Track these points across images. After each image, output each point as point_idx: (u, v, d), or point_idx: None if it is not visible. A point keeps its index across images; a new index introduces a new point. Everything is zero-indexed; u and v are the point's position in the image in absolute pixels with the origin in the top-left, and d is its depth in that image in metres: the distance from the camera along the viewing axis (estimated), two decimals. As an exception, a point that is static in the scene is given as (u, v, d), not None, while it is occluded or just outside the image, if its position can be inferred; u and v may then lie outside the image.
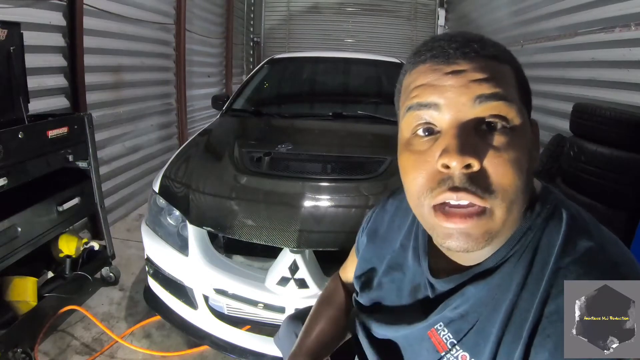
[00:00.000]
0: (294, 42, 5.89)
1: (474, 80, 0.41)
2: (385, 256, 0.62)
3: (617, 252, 0.42)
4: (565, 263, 0.41)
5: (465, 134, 0.41)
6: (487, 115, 0.41)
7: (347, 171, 1.54)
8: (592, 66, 2.40)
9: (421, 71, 0.45)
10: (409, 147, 0.45)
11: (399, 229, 0.62)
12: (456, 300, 0.47)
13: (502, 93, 0.41)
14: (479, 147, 0.40)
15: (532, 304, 0.41)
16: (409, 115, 0.45)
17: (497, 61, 0.44)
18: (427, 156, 0.43)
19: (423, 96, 0.43)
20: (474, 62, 0.42)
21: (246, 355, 1.34)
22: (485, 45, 0.44)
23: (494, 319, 0.44)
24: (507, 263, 0.45)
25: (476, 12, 4.62)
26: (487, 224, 0.41)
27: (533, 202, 0.47)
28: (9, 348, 1.34)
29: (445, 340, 0.48)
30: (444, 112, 0.42)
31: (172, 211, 1.46)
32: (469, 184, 0.40)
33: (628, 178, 1.60)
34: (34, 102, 1.80)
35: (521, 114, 0.43)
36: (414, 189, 0.44)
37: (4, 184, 1.30)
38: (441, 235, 0.43)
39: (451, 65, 0.43)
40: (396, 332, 0.55)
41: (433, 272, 0.52)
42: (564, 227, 0.44)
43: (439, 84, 0.43)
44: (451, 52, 0.43)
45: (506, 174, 0.40)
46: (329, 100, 2.54)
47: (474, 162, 0.39)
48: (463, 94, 0.41)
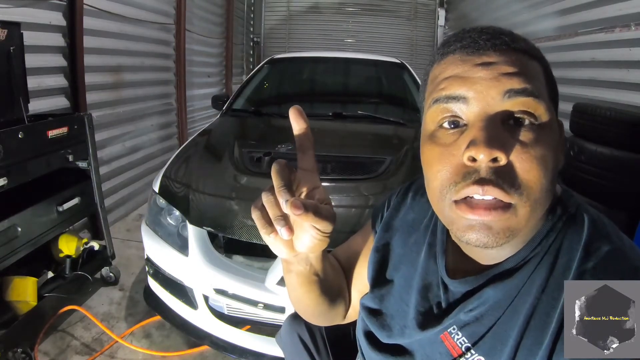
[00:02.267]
0: (294, 42, 5.88)
1: (505, 73, 0.40)
2: (396, 250, 0.60)
3: (637, 257, 0.41)
4: (588, 267, 0.41)
5: (493, 127, 0.40)
6: (516, 110, 0.40)
7: (347, 171, 1.54)
8: (592, 66, 2.40)
9: (450, 62, 0.44)
10: (434, 140, 0.44)
11: (414, 223, 0.60)
12: (472, 302, 0.46)
13: (532, 89, 0.40)
14: (507, 141, 0.39)
15: (554, 308, 0.41)
16: (435, 108, 0.43)
17: (527, 56, 0.43)
18: (452, 149, 0.41)
19: (452, 88, 0.42)
20: (504, 55, 0.42)
21: (246, 355, 1.34)
22: (516, 39, 0.43)
23: (513, 322, 0.42)
24: (527, 265, 0.44)
25: (476, 12, 4.62)
26: (510, 219, 0.40)
27: (554, 205, 0.46)
28: (9, 348, 1.34)
29: (460, 345, 0.46)
30: (472, 104, 0.41)
31: (172, 211, 1.46)
32: (495, 177, 0.39)
33: (628, 178, 1.60)
34: (34, 102, 1.79)
35: (549, 112, 0.42)
36: (437, 182, 0.43)
37: (4, 184, 1.30)
38: (461, 228, 0.41)
39: (482, 56, 0.42)
40: (408, 338, 0.53)
41: (448, 272, 0.50)
42: (585, 231, 0.43)
43: (469, 76, 0.41)
44: (481, 43, 0.42)
45: (532, 171, 0.39)
46: (329, 100, 2.54)
47: (501, 155, 0.38)
48: (493, 87, 0.40)
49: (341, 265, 0.67)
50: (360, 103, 2.41)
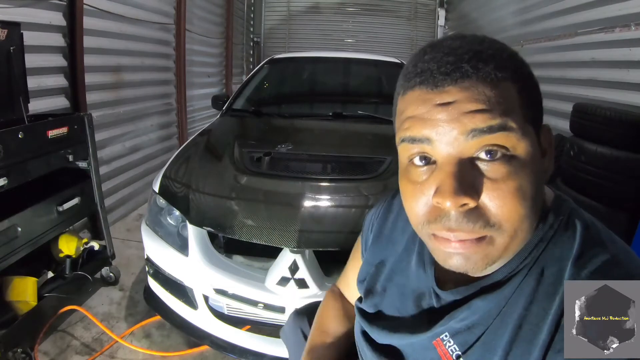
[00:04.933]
0: (294, 42, 5.89)
1: (466, 112, 0.38)
2: (389, 259, 0.60)
3: (633, 264, 0.41)
4: (581, 277, 0.40)
5: (461, 170, 0.39)
6: (483, 147, 0.39)
7: (347, 171, 1.54)
8: (592, 66, 2.40)
9: (411, 100, 0.42)
10: (407, 175, 0.44)
11: (403, 231, 0.60)
12: (463, 312, 0.46)
13: (499, 123, 0.38)
14: (476, 182, 0.39)
15: (543, 318, 0.40)
16: (403, 146, 0.43)
17: (495, 82, 0.39)
18: (424, 188, 0.42)
19: (414, 130, 0.41)
20: (466, 90, 0.39)
21: (246, 355, 1.34)
22: (480, 63, 0.39)
23: (502, 332, 0.43)
24: (517, 276, 0.44)
25: (476, 12, 4.62)
26: (487, 249, 0.40)
27: (545, 213, 0.45)
28: (9, 348, 1.34)
29: (451, 352, 0.46)
30: (437, 145, 0.40)
31: (172, 211, 1.46)
32: (465, 222, 0.39)
33: (628, 178, 1.60)
34: (34, 102, 1.80)
35: (525, 137, 0.40)
36: (413, 217, 0.44)
37: (4, 184, 1.30)
38: (441, 258, 0.43)
39: (441, 94, 0.40)
40: (401, 340, 0.53)
41: (439, 283, 0.50)
42: (577, 239, 0.42)
43: (429, 118, 0.40)
44: (440, 78, 0.40)
45: (506, 205, 0.39)
46: (329, 100, 2.54)
47: (469, 200, 0.38)
48: (454, 128, 0.39)
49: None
50: (360, 103, 2.41)
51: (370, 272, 0.62)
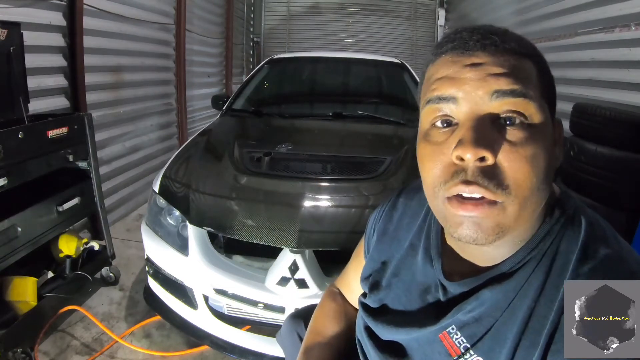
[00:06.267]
0: (294, 42, 5.88)
1: (492, 74, 0.41)
2: (395, 255, 0.61)
3: (634, 261, 0.42)
4: (584, 270, 0.41)
5: (482, 126, 0.41)
6: (504, 110, 0.41)
7: (347, 171, 1.54)
8: (592, 66, 2.40)
9: (442, 63, 0.45)
10: (427, 138, 0.45)
11: (409, 228, 0.61)
12: (470, 303, 0.46)
13: (520, 89, 0.41)
14: (495, 140, 0.40)
15: (549, 310, 0.41)
16: (428, 108, 0.45)
17: (518, 55, 0.43)
18: (443, 147, 0.43)
19: (442, 89, 0.43)
20: (493, 56, 0.42)
21: (246, 355, 1.34)
22: (506, 39, 0.44)
23: (511, 323, 0.43)
24: (524, 267, 0.44)
25: (476, 12, 4.62)
26: (498, 216, 0.40)
27: (552, 207, 0.46)
28: (9, 348, 1.34)
29: (459, 345, 0.47)
30: (462, 104, 0.42)
31: (172, 211, 1.46)
32: (481, 177, 0.40)
33: (628, 178, 1.60)
34: (34, 102, 1.80)
35: (542, 111, 0.42)
36: (429, 180, 0.44)
37: (4, 184, 1.30)
38: (453, 225, 0.43)
39: (471, 57, 0.43)
40: (406, 334, 0.53)
41: (446, 275, 0.51)
42: (582, 234, 0.44)
43: (458, 77, 0.43)
44: (471, 44, 0.43)
45: (521, 170, 0.40)
46: (329, 100, 2.54)
47: (488, 155, 0.39)
48: (480, 87, 0.41)
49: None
50: (360, 103, 2.41)
51: (375, 268, 0.63)
